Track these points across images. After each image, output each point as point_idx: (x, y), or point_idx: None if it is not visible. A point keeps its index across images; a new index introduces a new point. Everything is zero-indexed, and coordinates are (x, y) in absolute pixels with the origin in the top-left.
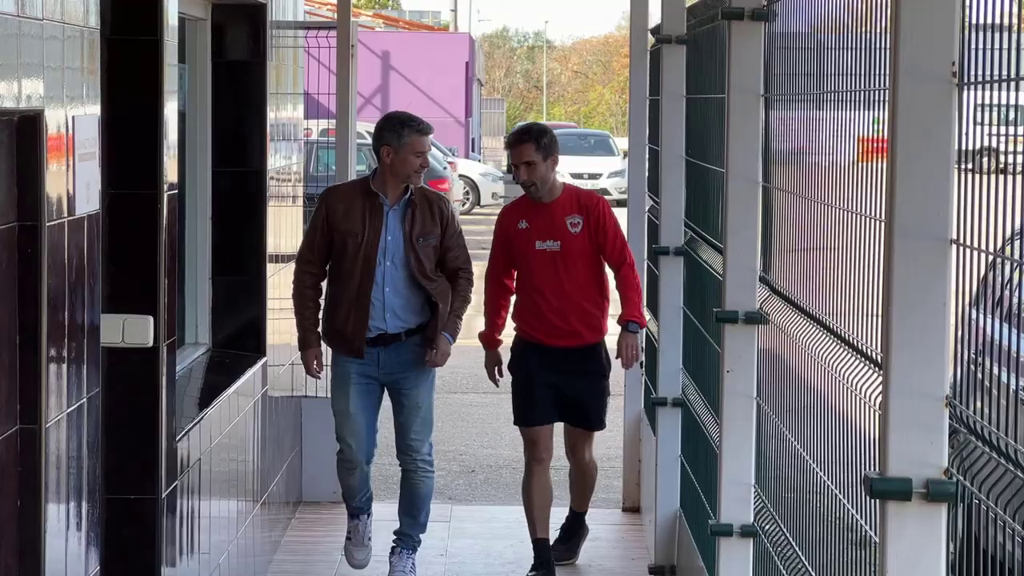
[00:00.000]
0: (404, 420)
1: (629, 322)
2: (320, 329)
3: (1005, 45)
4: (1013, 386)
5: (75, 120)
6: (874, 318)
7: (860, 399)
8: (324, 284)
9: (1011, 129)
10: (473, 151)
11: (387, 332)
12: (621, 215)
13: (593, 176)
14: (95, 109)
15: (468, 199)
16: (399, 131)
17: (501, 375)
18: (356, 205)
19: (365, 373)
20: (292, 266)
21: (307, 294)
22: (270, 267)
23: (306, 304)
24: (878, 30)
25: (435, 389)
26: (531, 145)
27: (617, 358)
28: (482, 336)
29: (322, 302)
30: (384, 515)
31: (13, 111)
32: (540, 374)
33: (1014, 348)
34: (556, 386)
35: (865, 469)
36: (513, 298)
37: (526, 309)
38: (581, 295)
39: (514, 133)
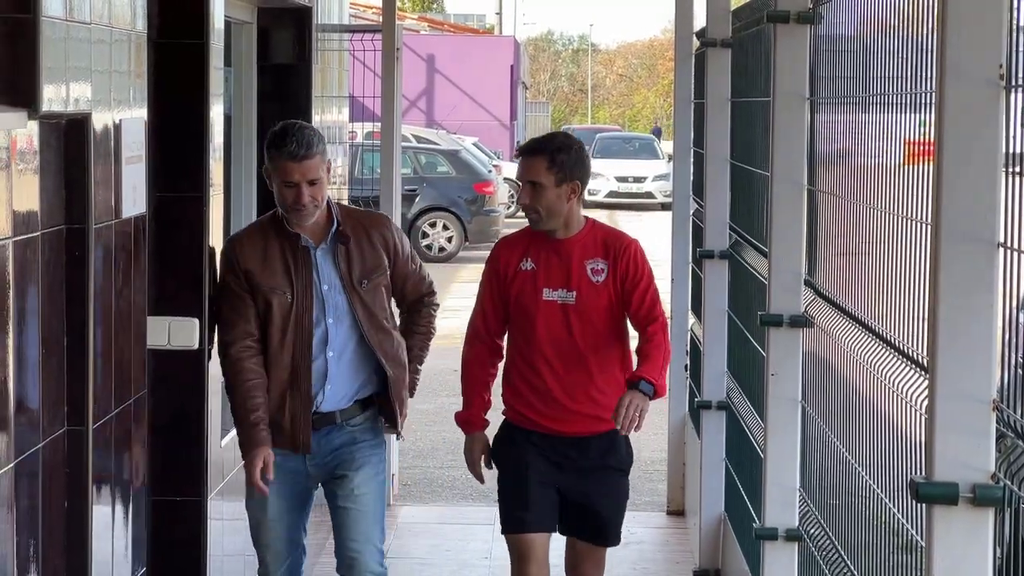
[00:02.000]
0: (343, 521)
1: (642, 380)
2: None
3: None
4: None
5: (122, 123)
6: (920, 321)
7: (906, 403)
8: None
9: None
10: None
11: (319, 412)
12: (665, 219)
13: (638, 180)
14: (142, 112)
15: (513, 202)
16: (267, 150)
17: (489, 465)
18: (273, 252)
19: (290, 467)
20: None
21: (248, 375)
22: None
23: (250, 392)
24: (925, 32)
25: (386, 478)
26: (542, 160)
27: (612, 417)
28: (460, 417)
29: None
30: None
31: (61, 114)
32: (537, 467)
33: None
34: (558, 487)
35: (911, 473)
36: (501, 365)
37: (521, 380)
38: (599, 364)
39: (528, 142)
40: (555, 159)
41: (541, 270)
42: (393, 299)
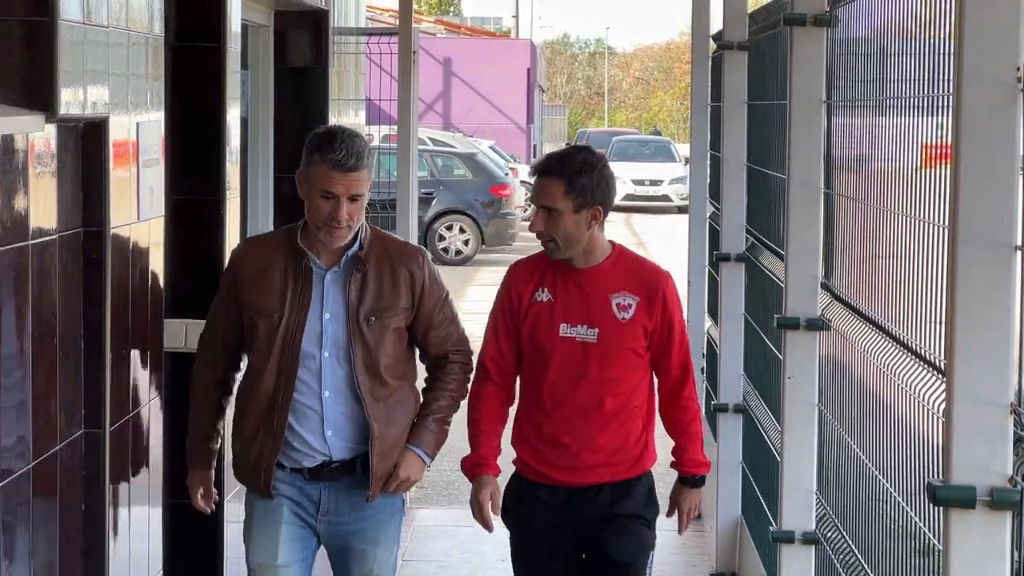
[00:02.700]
0: None
1: (695, 475)
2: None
3: None
4: None
5: (139, 126)
6: (938, 324)
7: (923, 406)
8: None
9: None
10: (534, 157)
11: (332, 459)
12: (682, 222)
13: (655, 182)
14: (159, 115)
15: (529, 206)
16: (308, 153)
17: (496, 511)
18: (275, 268)
19: (300, 512)
20: None
21: (204, 394)
22: None
23: (201, 407)
24: (942, 35)
25: (399, 548)
26: (558, 185)
27: (669, 517)
28: (467, 463)
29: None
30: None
31: (78, 118)
32: (543, 540)
33: None
34: (576, 549)
35: (928, 476)
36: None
37: (530, 425)
38: (619, 412)
39: (544, 160)
40: (574, 183)
41: (559, 302)
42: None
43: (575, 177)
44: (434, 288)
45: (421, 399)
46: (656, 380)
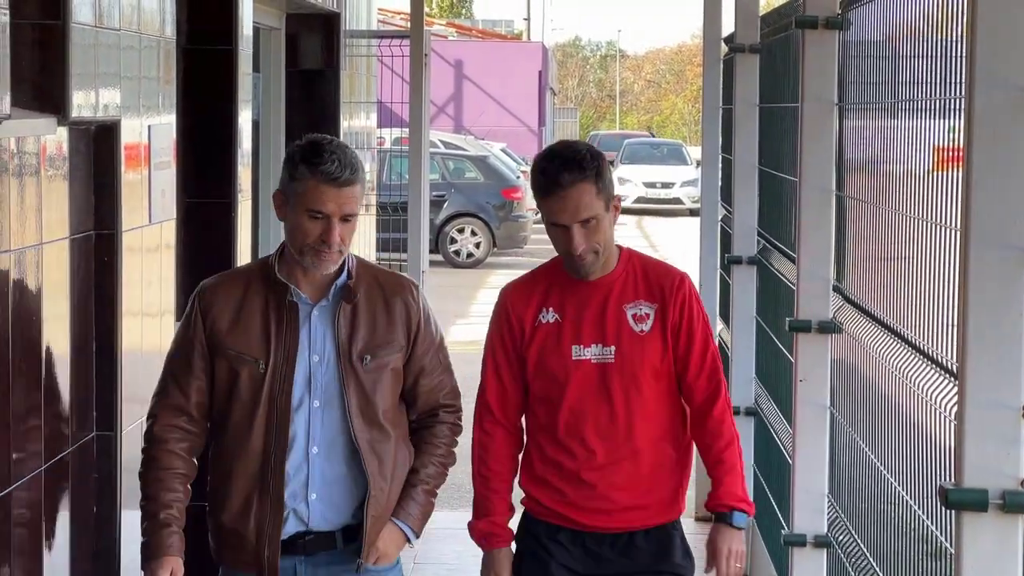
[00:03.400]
0: None
1: (734, 510)
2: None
3: None
4: None
5: (151, 129)
6: (950, 328)
7: (935, 409)
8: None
9: None
10: None
11: (310, 531)
12: (694, 225)
13: (666, 185)
14: (171, 118)
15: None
16: (291, 167)
17: None
18: (252, 308)
19: None
20: None
21: (168, 460)
22: None
23: (166, 484)
24: (954, 37)
25: None
26: (590, 186)
27: (708, 572)
28: (477, 531)
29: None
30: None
31: (90, 120)
32: None
33: None
34: None
35: (940, 480)
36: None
37: (545, 463)
38: (648, 438)
39: (555, 163)
40: (602, 178)
41: (568, 321)
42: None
43: (600, 171)
44: (429, 327)
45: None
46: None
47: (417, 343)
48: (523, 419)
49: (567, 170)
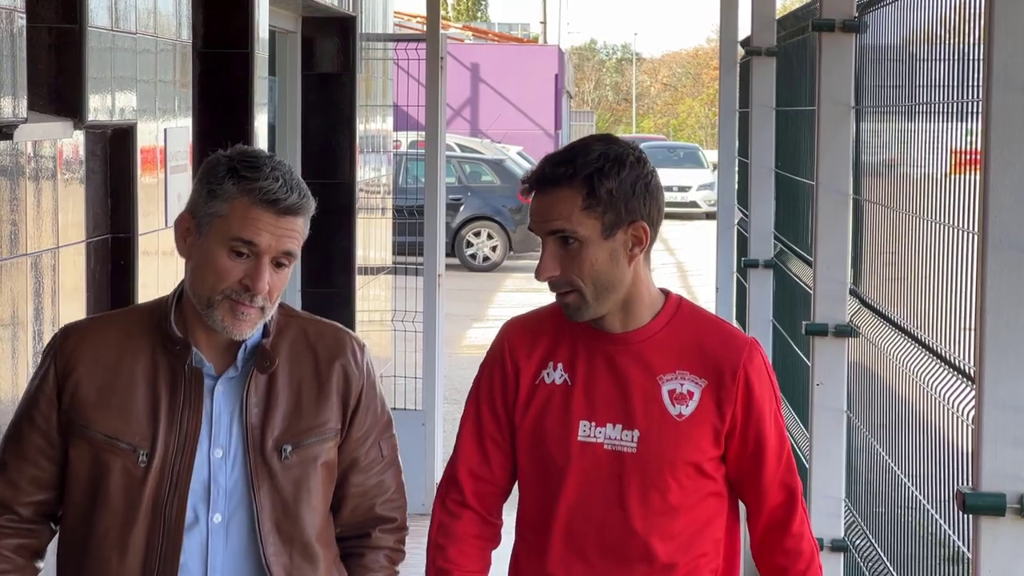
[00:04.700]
0: None
1: None
2: None
3: None
4: None
5: (167, 132)
6: (967, 331)
7: (952, 413)
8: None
9: None
10: None
11: None
12: (710, 229)
13: (683, 189)
14: (187, 122)
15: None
16: (213, 182)
17: None
18: (132, 370)
19: None
20: (383, 278)
21: None
22: (359, 279)
23: None
24: (971, 41)
25: None
26: (570, 192)
27: None
28: None
29: None
30: None
31: (107, 124)
32: None
33: None
34: None
35: (958, 484)
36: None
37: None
38: (682, 565)
39: (542, 164)
40: (596, 188)
41: (580, 387)
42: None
43: (598, 178)
44: (373, 401)
45: None
46: (744, 510)
47: (354, 424)
48: (502, 506)
49: (547, 170)
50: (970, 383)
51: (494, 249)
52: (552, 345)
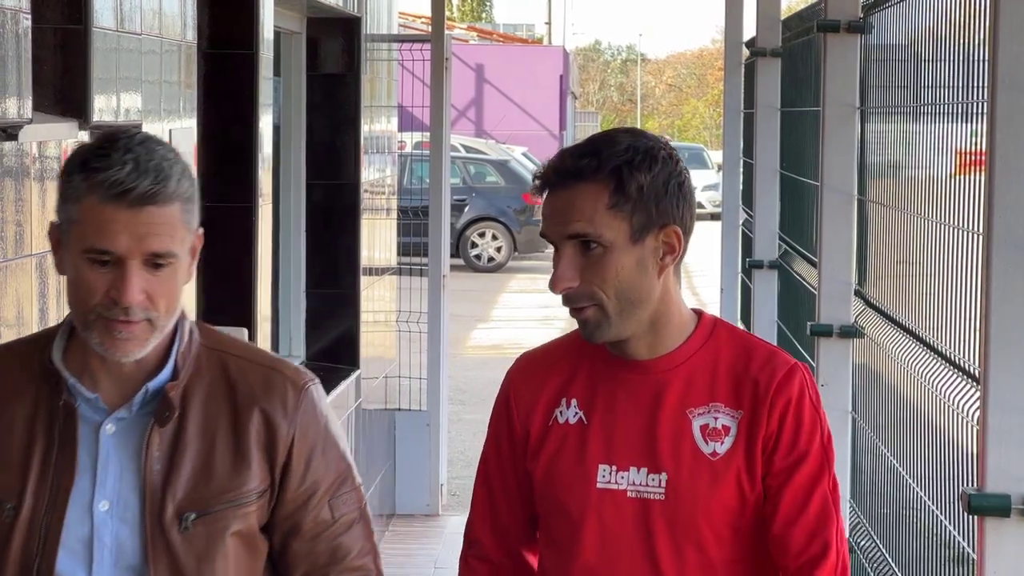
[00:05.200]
0: None
1: None
2: None
3: None
4: None
5: (172, 133)
6: (972, 332)
7: (957, 414)
8: None
9: None
10: None
11: None
12: (715, 229)
13: None
14: (191, 122)
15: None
16: (66, 180)
17: None
18: (9, 411)
19: None
20: (387, 279)
21: None
22: (364, 280)
23: None
24: (976, 41)
25: None
26: (594, 189)
27: None
28: None
29: None
30: None
31: (111, 125)
32: None
33: None
34: None
35: (963, 485)
36: None
37: None
38: None
39: (555, 159)
40: (626, 184)
41: (597, 424)
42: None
43: (628, 172)
44: (315, 455)
45: None
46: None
47: (287, 483)
48: (534, 558)
49: (568, 163)
50: (975, 384)
51: (499, 250)
52: (566, 379)
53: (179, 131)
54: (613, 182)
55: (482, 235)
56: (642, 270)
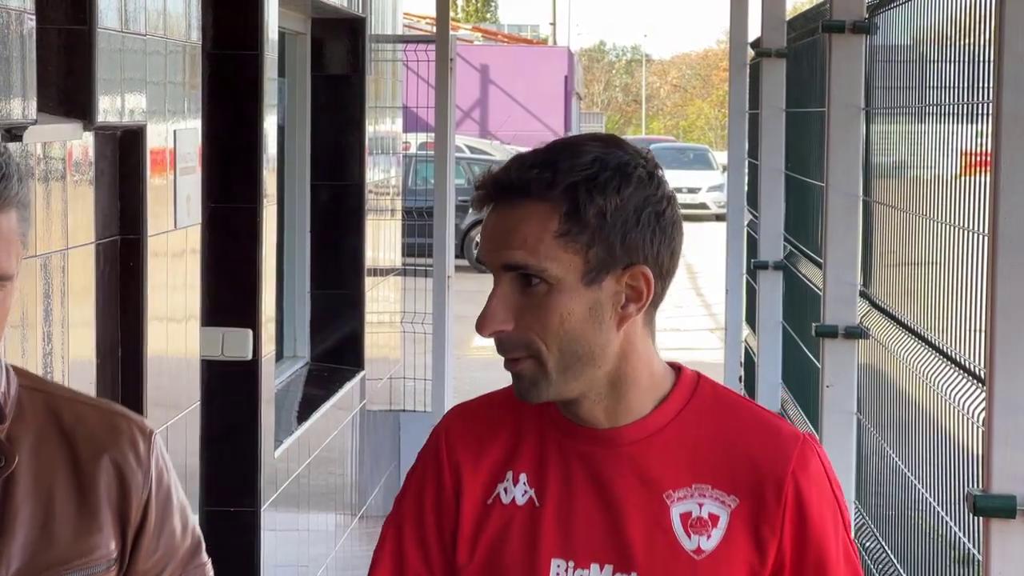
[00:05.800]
0: None
1: None
2: None
3: None
4: None
5: (176, 134)
6: (977, 333)
7: (963, 415)
8: None
9: None
10: None
11: None
12: (720, 230)
13: (692, 190)
14: (196, 123)
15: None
16: None
17: None
18: None
19: None
20: (392, 279)
21: None
22: (369, 281)
23: None
24: (981, 41)
25: None
26: (544, 212)
27: None
28: None
29: None
30: None
31: (116, 126)
32: None
33: None
34: None
35: (968, 486)
36: None
37: None
38: None
39: (498, 170)
40: (582, 202)
41: (551, 508)
42: None
43: (586, 192)
44: (169, 517)
45: None
46: None
47: (139, 549)
48: None
49: (523, 165)
50: (980, 385)
51: None
52: (511, 446)
53: (184, 132)
54: (567, 204)
55: None
56: (596, 319)
